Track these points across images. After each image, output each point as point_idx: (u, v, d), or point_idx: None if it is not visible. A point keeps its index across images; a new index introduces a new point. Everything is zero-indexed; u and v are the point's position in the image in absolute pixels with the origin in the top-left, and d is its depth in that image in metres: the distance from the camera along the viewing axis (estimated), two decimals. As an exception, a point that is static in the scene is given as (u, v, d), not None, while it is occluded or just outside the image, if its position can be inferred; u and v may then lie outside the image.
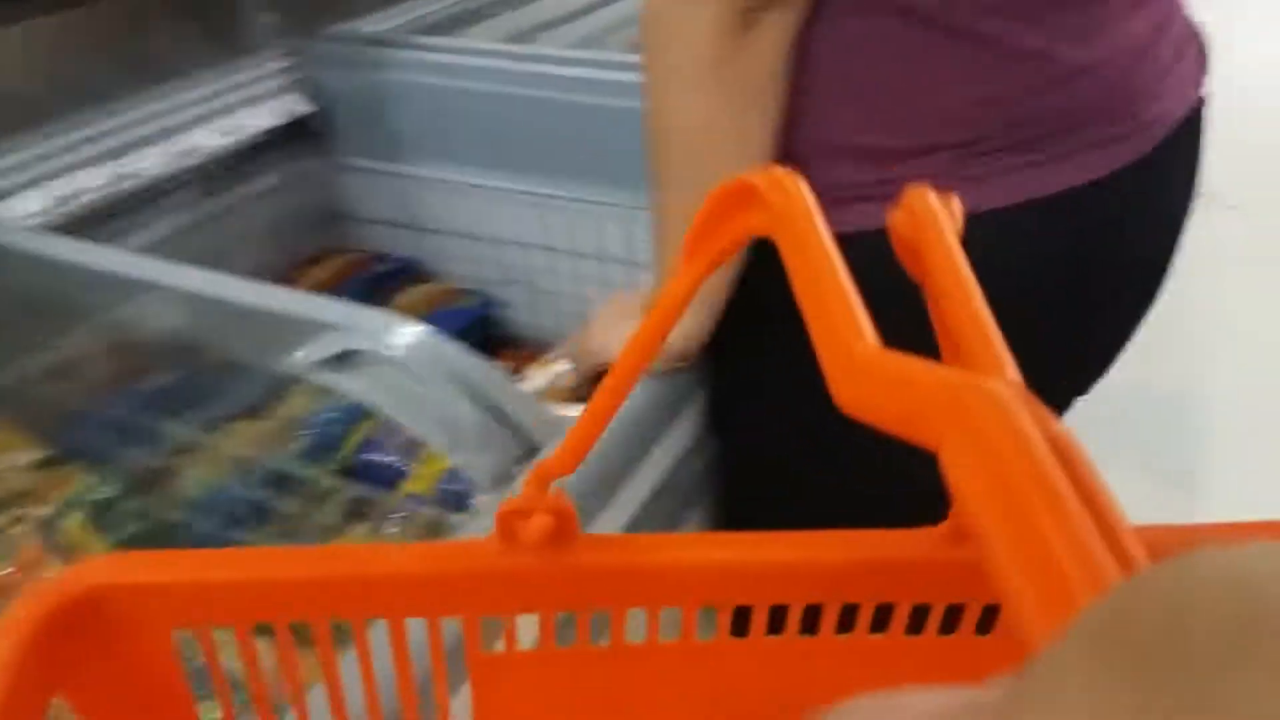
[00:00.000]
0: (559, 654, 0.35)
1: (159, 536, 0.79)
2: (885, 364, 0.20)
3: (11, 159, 0.90)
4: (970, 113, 0.54)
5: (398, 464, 0.84)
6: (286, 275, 1.09)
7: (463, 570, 0.32)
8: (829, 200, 0.58)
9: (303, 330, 0.62)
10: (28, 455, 0.81)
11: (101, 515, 0.79)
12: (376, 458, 0.87)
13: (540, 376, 0.92)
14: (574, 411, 0.89)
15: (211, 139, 1.01)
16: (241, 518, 0.79)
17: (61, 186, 0.91)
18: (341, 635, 0.34)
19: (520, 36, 1.34)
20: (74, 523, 0.75)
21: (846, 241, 0.57)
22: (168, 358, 0.90)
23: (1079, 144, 0.55)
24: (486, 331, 1.10)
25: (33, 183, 0.90)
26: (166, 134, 0.99)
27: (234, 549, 0.33)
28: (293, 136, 1.11)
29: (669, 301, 0.27)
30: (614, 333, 0.70)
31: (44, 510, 0.76)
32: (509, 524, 0.32)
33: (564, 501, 0.31)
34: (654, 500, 0.65)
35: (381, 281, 1.09)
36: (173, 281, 0.69)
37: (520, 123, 1.01)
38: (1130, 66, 0.55)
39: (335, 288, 1.06)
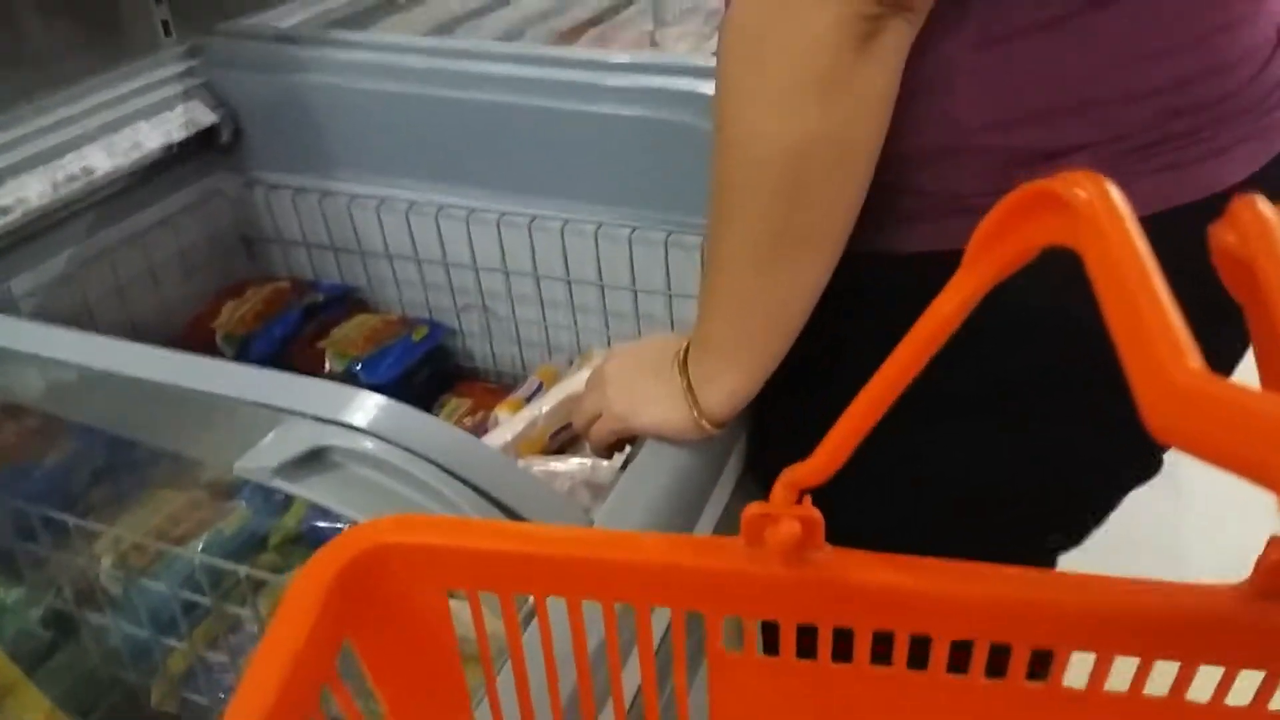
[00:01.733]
0: (798, 665, 0.35)
1: (78, 658, 0.67)
2: (1215, 391, 0.18)
3: None
4: (1115, 106, 0.47)
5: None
6: (203, 311, 0.96)
7: (708, 567, 0.33)
8: (951, 210, 0.49)
9: (243, 416, 0.51)
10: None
11: (3, 622, 0.67)
12: (328, 524, 0.76)
13: (511, 424, 0.81)
14: (552, 465, 0.79)
15: (105, 160, 0.86)
16: (171, 620, 0.67)
17: (-78, 227, 0.76)
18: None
19: (440, 29, 1.23)
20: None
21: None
22: (69, 432, 0.77)
23: (1231, 138, 0.49)
24: (438, 364, 0.99)
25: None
26: (50, 156, 0.84)
27: (506, 522, 0.39)
28: (198, 151, 0.97)
29: (939, 317, 0.26)
30: (639, 394, 0.60)
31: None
32: (756, 527, 0.32)
33: (812, 510, 0.31)
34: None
35: (314, 312, 0.96)
36: (68, 355, 0.57)
37: (459, 130, 0.90)
38: (1270, 58, 0.50)
39: (265, 322, 0.93)
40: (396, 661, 0.36)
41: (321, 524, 0.76)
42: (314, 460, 0.46)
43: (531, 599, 0.37)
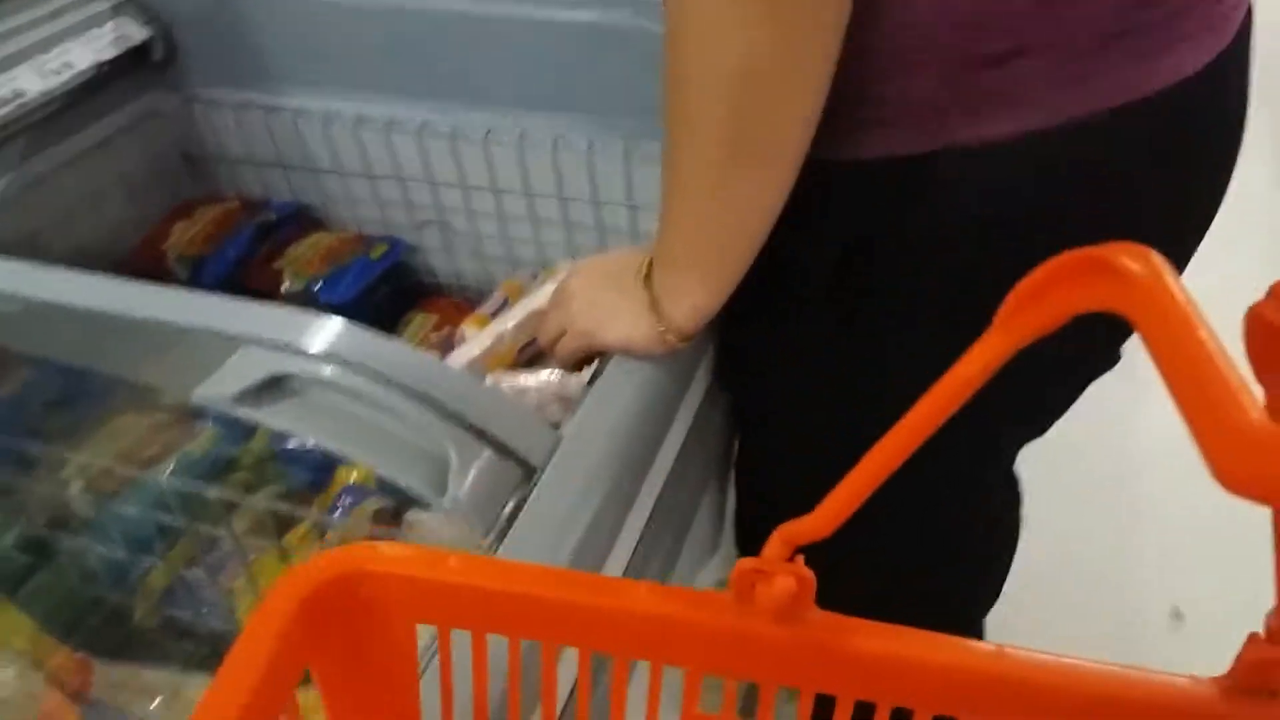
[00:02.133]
0: None
1: (57, 579, 0.68)
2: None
3: None
4: (1074, 4, 0.46)
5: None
6: (152, 233, 0.93)
7: (695, 621, 0.32)
8: (909, 114, 0.49)
9: (201, 343, 0.50)
10: None
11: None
12: (297, 444, 0.76)
13: (479, 339, 0.81)
14: (521, 380, 0.79)
15: (34, 81, 0.83)
16: (146, 540, 0.67)
17: None
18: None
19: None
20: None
21: (932, 160, 0.47)
22: (22, 363, 0.75)
23: (1181, 31, 0.48)
24: (400, 281, 0.98)
25: None
26: (-26, 78, 0.81)
27: (483, 558, 0.35)
28: (131, 69, 0.93)
29: (963, 378, 0.26)
30: (604, 310, 0.59)
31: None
32: (746, 583, 0.31)
33: (805, 569, 0.30)
34: (678, 466, 0.61)
35: (268, 232, 0.94)
36: (16, 287, 0.55)
37: (407, 40, 0.87)
38: None
39: (216, 244, 0.91)
40: (356, 692, 0.35)
41: (290, 445, 0.76)
42: (274, 387, 0.46)
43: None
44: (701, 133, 0.46)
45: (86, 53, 0.86)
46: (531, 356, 0.86)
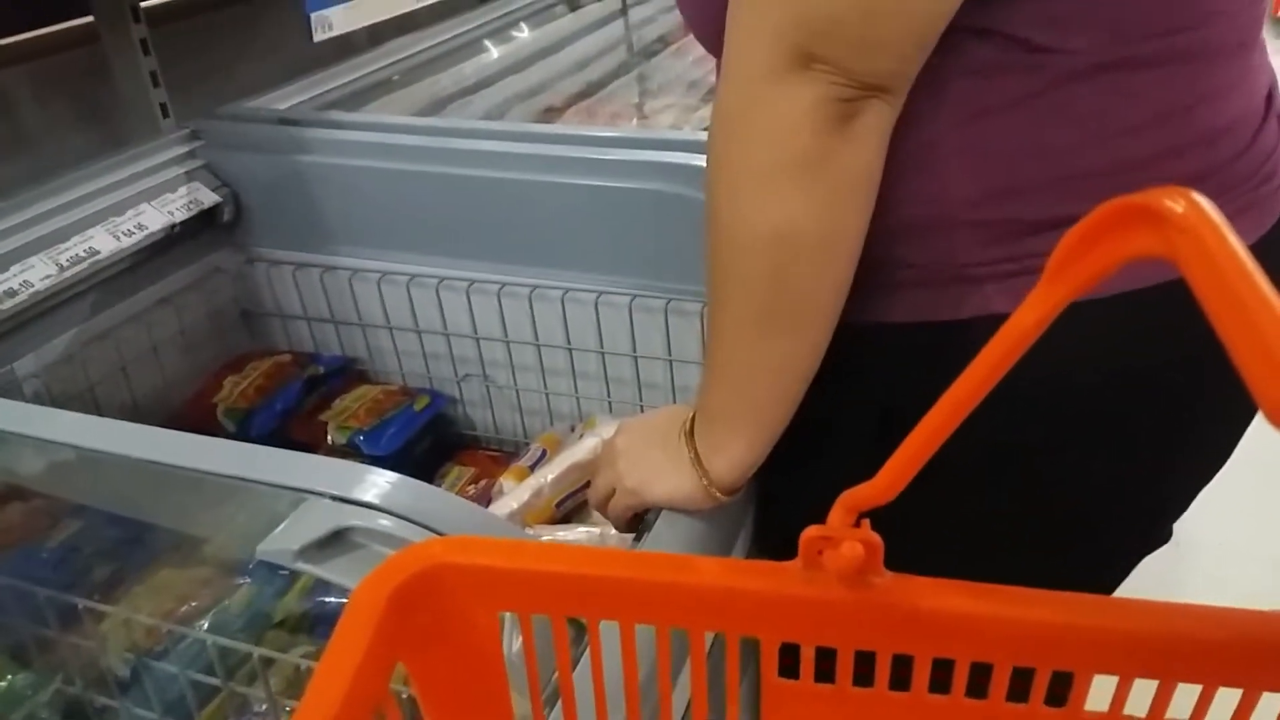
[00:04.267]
0: (854, 693, 0.34)
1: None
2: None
3: None
4: (1102, 178, 0.48)
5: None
6: (203, 387, 0.96)
7: (764, 591, 0.33)
8: (940, 280, 0.50)
9: (257, 497, 0.51)
10: (-96, 649, 0.67)
11: (13, 709, 0.65)
12: (334, 600, 0.76)
13: (517, 492, 0.82)
14: (560, 534, 0.79)
15: (109, 241, 0.88)
16: (181, 701, 0.66)
17: (-71, 312, 0.77)
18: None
19: (431, 109, 1.26)
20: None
21: (965, 329, 0.48)
22: (73, 512, 0.77)
23: (1225, 210, 0.49)
24: (439, 433, 0.99)
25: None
26: (55, 239, 0.86)
27: (559, 545, 0.38)
28: (199, 230, 0.98)
29: (1016, 333, 0.25)
30: (649, 467, 0.60)
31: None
32: (813, 550, 0.31)
33: (872, 533, 0.31)
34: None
35: (317, 385, 0.97)
36: (73, 437, 0.57)
37: (456, 204, 0.92)
38: (1259, 128, 0.51)
39: (266, 396, 0.94)
40: (446, 683, 0.36)
41: (327, 599, 0.76)
42: (334, 540, 0.46)
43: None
44: (740, 295, 0.49)
45: (159, 215, 0.91)
46: (570, 511, 0.86)
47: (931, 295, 0.52)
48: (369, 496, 0.47)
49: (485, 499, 0.90)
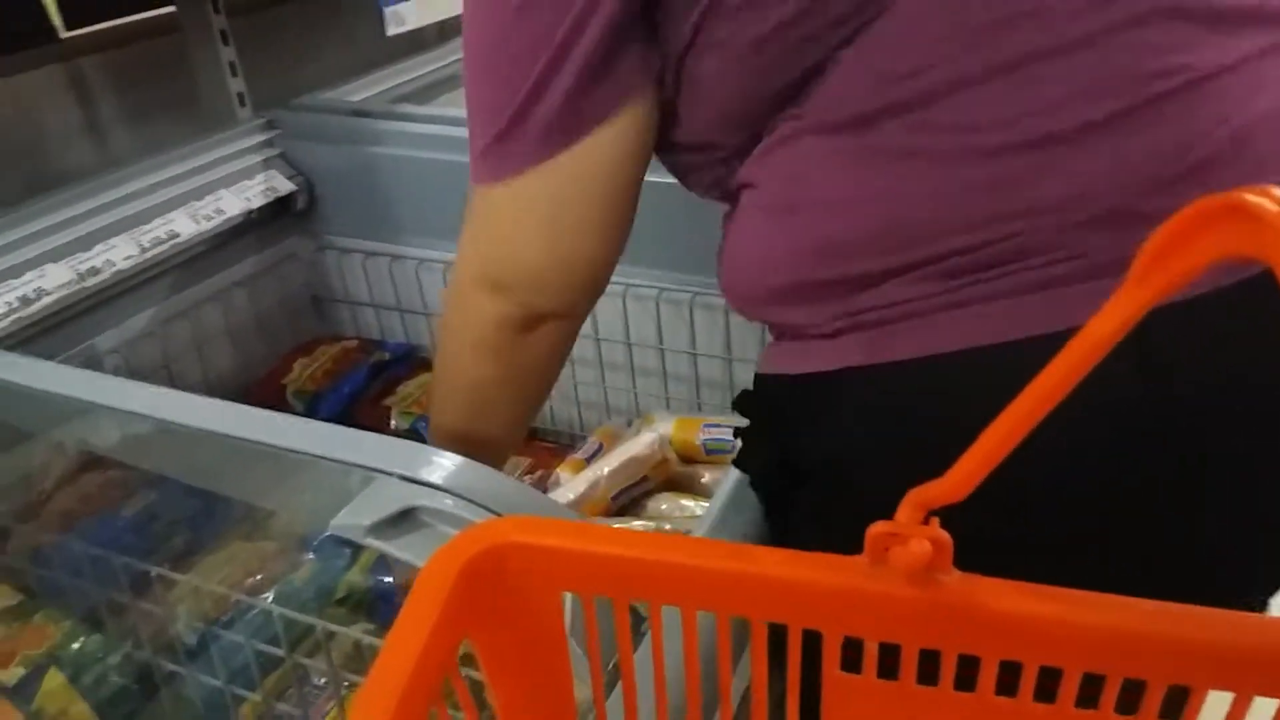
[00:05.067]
0: (918, 691, 0.34)
1: (150, 695, 0.69)
2: None
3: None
4: (940, 219, 0.46)
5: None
6: (274, 368, 0.99)
7: (830, 584, 0.32)
8: (804, 338, 0.50)
9: (329, 473, 0.53)
10: (-7, 604, 0.70)
11: (84, 671, 0.68)
12: (392, 579, 0.77)
13: (574, 484, 0.83)
14: (613, 525, 0.80)
15: (189, 224, 0.91)
16: (245, 669, 0.68)
17: (21, 287, 0.80)
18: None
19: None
20: (55, 684, 0.64)
21: (831, 381, 0.49)
22: (150, 480, 0.80)
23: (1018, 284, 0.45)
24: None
25: (-14, 283, 0.79)
26: (138, 221, 0.89)
27: (623, 529, 0.38)
28: (273, 216, 1.01)
29: (1099, 334, 0.25)
30: None
31: (16, 671, 0.65)
32: (880, 545, 0.31)
33: (941, 531, 0.30)
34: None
35: (382, 371, 0.99)
36: (153, 409, 0.59)
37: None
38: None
39: (333, 380, 0.96)
40: (510, 659, 0.36)
41: (386, 578, 0.78)
42: (402, 519, 0.47)
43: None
44: (450, 405, 0.63)
45: (237, 201, 0.94)
46: (625, 505, 0.87)
47: (801, 350, 0.52)
48: (437, 478, 0.48)
49: (541, 489, 0.91)
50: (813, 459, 0.53)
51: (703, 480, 0.90)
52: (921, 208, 0.46)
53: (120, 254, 0.86)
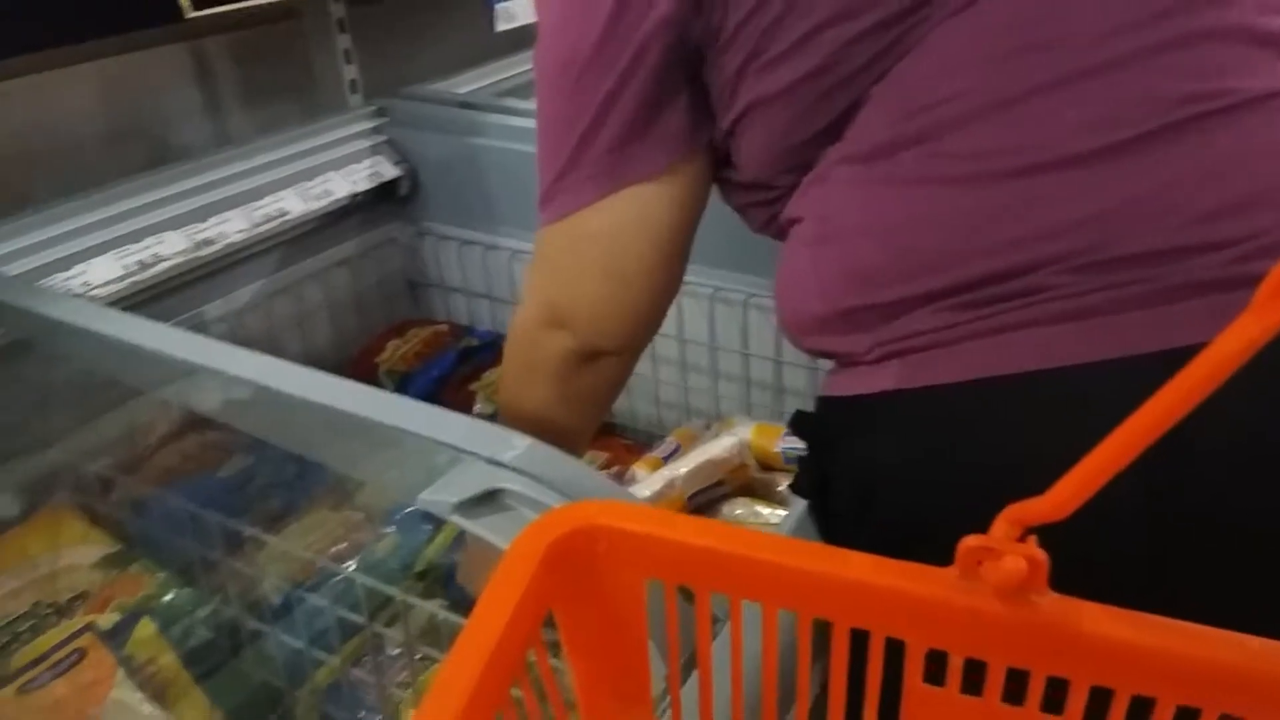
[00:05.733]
0: (1002, 710, 0.33)
1: (233, 651, 0.71)
2: None
3: (87, 219, 0.84)
4: (951, 270, 0.46)
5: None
6: (368, 347, 1.02)
7: (918, 594, 0.32)
8: (846, 365, 0.51)
9: (419, 450, 0.54)
10: (93, 550, 0.74)
11: (174, 622, 0.71)
12: (467, 560, 0.79)
13: (650, 481, 0.83)
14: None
15: (296, 204, 0.94)
16: (325, 633, 0.71)
17: (139, 252, 0.84)
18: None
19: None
20: (146, 633, 0.67)
21: (865, 405, 0.49)
22: (247, 444, 0.83)
23: (1168, 283, 0.42)
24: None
25: (110, 246, 0.84)
26: (251, 197, 0.93)
27: (712, 521, 0.39)
28: (376, 200, 1.05)
29: (1219, 358, 0.24)
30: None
31: (111, 617, 0.68)
32: (971, 560, 0.30)
33: (1038, 550, 0.29)
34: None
35: (469, 357, 1.01)
36: (257, 375, 0.62)
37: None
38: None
39: (423, 362, 0.99)
40: (590, 637, 0.37)
41: (459, 557, 0.79)
42: (486, 499, 0.49)
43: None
44: (519, 418, 0.66)
45: (344, 183, 0.98)
46: (700, 506, 0.87)
47: (849, 376, 0.52)
48: (524, 463, 0.49)
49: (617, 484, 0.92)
50: (847, 480, 0.53)
51: (780, 489, 0.90)
52: (937, 234, 0.46)
53: (233, 227, 0.90)
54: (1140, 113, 0.44)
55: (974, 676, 0.34)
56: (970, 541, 0.30)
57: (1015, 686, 0.33)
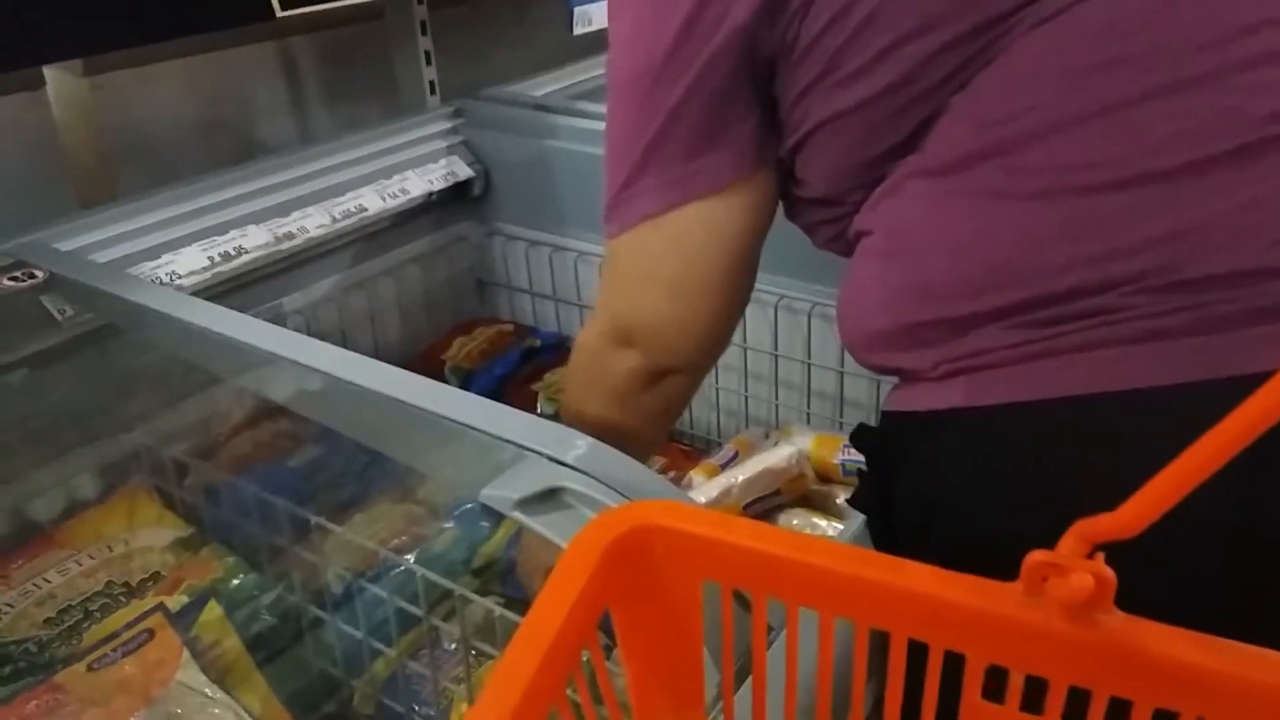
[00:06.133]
0: None
1: (295, 637, 0.73)
2: None
3: (175, 211, 0.87)
4: (1024, 286, 0.45)
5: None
6: (435, 343, 1.04)
7: (979, 608, 0.31)
8: (905, 382, 0.50)
9: (483, 446, 0.55)
10: (167, 533, 0.76)
11: (239, 606, 0.73)
12: (525, 559, 0.80)
13: (706, 488, 0.83)
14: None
15: (374, 201, 0.97)
16: (384, 623, 0.72)
17: (223, 245, 0.87)
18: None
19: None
20: (213, 616, 0.69)
21: (928, 423, 0.48)
22: (316, 435, 0.85)
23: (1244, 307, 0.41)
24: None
25: (195, 238, 0.87)
26: (331, 194, 0.95)
27: (771, 526, 0.37)
28: (449, 199, 1.06)
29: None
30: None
31: (180, 599, 0.70)
32: (1037, 575, 0.30)
33: (1105, 568, 0.29)
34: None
35: (533, 357, 1.03)
36: (331, 368, 0.63)
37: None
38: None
39: (488, 360, 1.01)
40: (645, 638, 0.37)
41: (517, 554, 0.80)
42: (547, 497, 0.49)
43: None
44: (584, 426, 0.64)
45: (421, 182, 1.00)
46: (757, 515, 0.87)
47: (914, 391, 0.51)
48: (586, 463, 0.49)
49: (675, 490, 0.92)
50: (909, 497, 0.52)
51: (838, 501, 0.89)
52: (1010, 249, 0.45)
53: (314, 222, 0.93)
54: (1224, 130, 0.42)
55: (1032, 694, 0.33)
56: (1037, 556, 0.29)
57: (1075, 706, 0.33)
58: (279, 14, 0.93)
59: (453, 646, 0.73)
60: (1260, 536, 0.41)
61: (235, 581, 0.76)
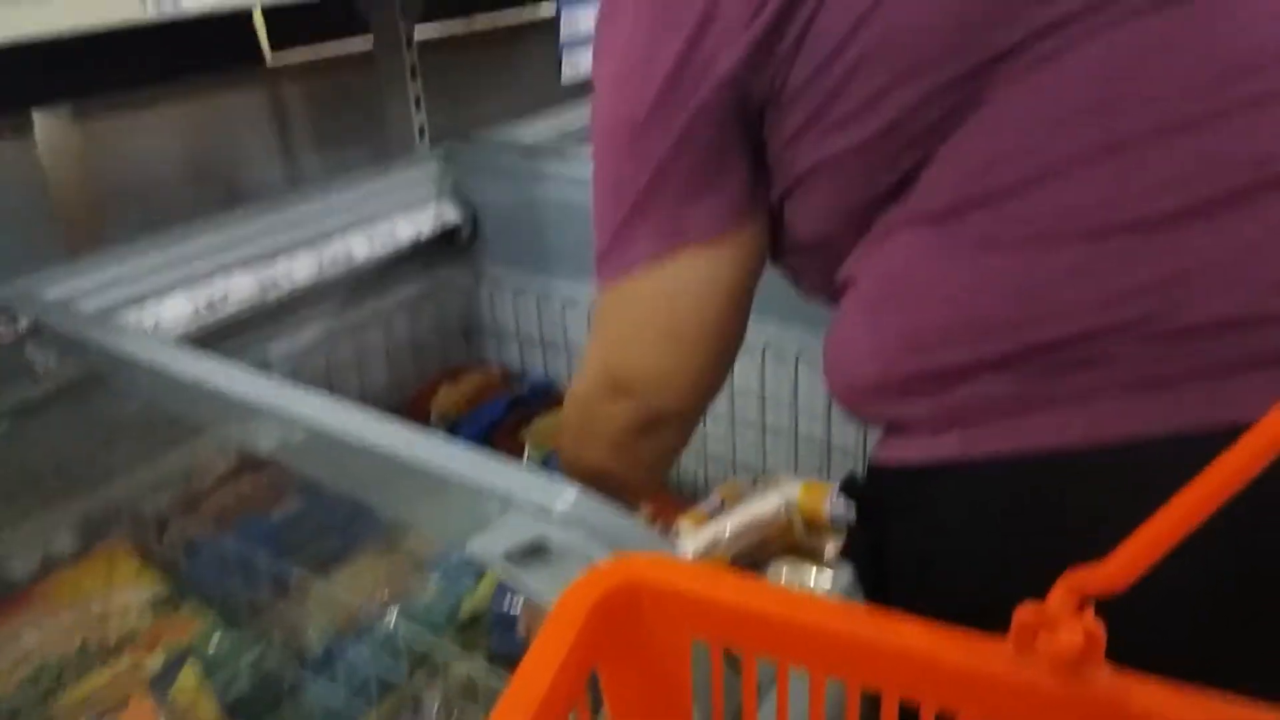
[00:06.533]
0: None
1: (274, 701, 0.72)
2: None
3: (161, 257, 0.86)
4: (1020, 335, 0.44)
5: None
6: (421, 390, 1.04)
7: (970, 667, 0.31)
8: (901, 431, 0.49)
9: (468, 497, 0.55)
10: (145, 590, 0.75)
11: (217, 669, 0.72)
12: (510, 611, 0.79)
13: (694, 538, 0.83)
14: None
15: (365, 247, 0.96)
16: (365, 685, 0.71)
17: (209, 292, 0.87)
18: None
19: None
20: (189, 680, 0.68)
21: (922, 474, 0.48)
22: (298, 488, 0.84)
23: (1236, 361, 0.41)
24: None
25: (181, 285, 0.86)
26: (319, 240, 0.95)
27: (760, 582, 0.37)
28: (437, 245, 1.07)
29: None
30: None
31: (157, 660, 0.69)
32: (1028, 632, 0.29)
33: (1094, 621, 0.28)
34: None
35: (519, 404, 1.02)
36: (315, 418, 0.63)
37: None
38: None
39: (474, 407, 1.00)
40: (634, 696, 0.36)
41: (505, 610, 0.79)
42: (536, 550, 0.49)
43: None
44: (574, 473, 0.65)
45: (409, 228, 1.00)
46: (745, 568, 0.86)
47: (903, 442, 0.51)
48: (572, 513, 0.49)
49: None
50: (902, 550, 0.52)
51: (826, 549, 0.88)
52: (1002, 298, 0.45)
53: (301, 268, 0.93)
54: (1218, 173, 0.42)
55: None
56: (1025, 612, 0.29)
57: None
58: (270, 64, 0.93)
59: (437, 707, 0.72)
60: (1261, 579, 0.41)
61: (214, 640, 0.74)
